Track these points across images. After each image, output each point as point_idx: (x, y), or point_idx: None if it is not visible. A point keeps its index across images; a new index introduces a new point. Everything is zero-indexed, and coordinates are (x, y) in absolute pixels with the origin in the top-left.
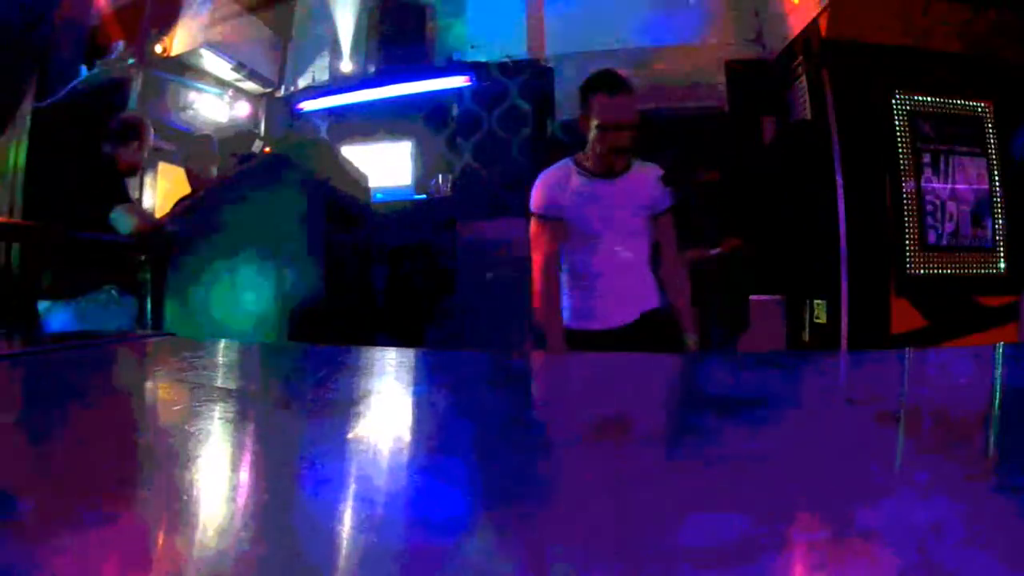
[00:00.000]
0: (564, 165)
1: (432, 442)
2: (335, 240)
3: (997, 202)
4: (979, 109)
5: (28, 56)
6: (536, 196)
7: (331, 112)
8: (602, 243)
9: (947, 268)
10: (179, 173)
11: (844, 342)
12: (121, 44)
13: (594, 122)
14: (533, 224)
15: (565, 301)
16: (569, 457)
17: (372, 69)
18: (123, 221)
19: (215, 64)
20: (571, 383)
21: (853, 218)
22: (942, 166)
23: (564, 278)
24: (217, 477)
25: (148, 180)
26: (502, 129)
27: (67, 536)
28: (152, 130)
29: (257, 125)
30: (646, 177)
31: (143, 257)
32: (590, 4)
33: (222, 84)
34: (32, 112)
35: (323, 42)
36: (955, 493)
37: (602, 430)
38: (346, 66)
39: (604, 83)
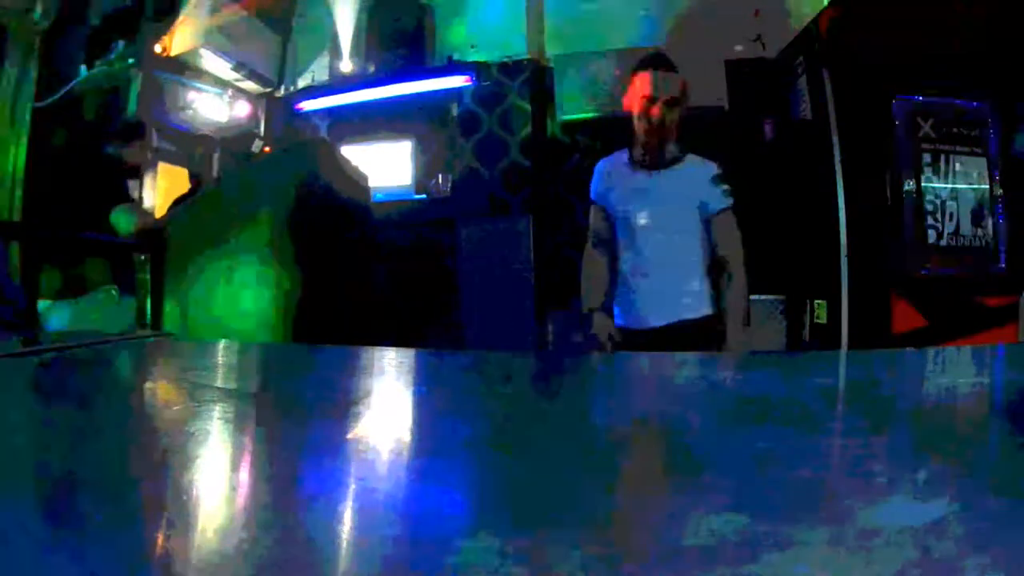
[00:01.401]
0: (619, 154)
1: (431, 443)
2: (334, 240)
3: (997, 202)
4: (979, 109)
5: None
6: (592, 183)
7: (331, 112)
8: (643, 238)
9: (947, 268)
10: (179, 173)
11: (844, 342)
12: (121, 44)
13: (637, 96)
14: (591, 210)
15: (614, 294)
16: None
17: (372, 69)
18: (123, 221)
19: (215, 64)
20: (557, 385)
21: (853, 218)
22: (942, 166)
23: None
24: (216, 477)
25: (148, 180)
26: (502, 129)
27: (67, 536)
28: (154, 131)
29: (257, 125)
30: (697, 173)
31: (143, 257)
32: (590, 4)
33: (222, 84)
34: (32, 112)
35: (323, 42)
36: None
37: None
38: (346, 66)
39: (648, 58)
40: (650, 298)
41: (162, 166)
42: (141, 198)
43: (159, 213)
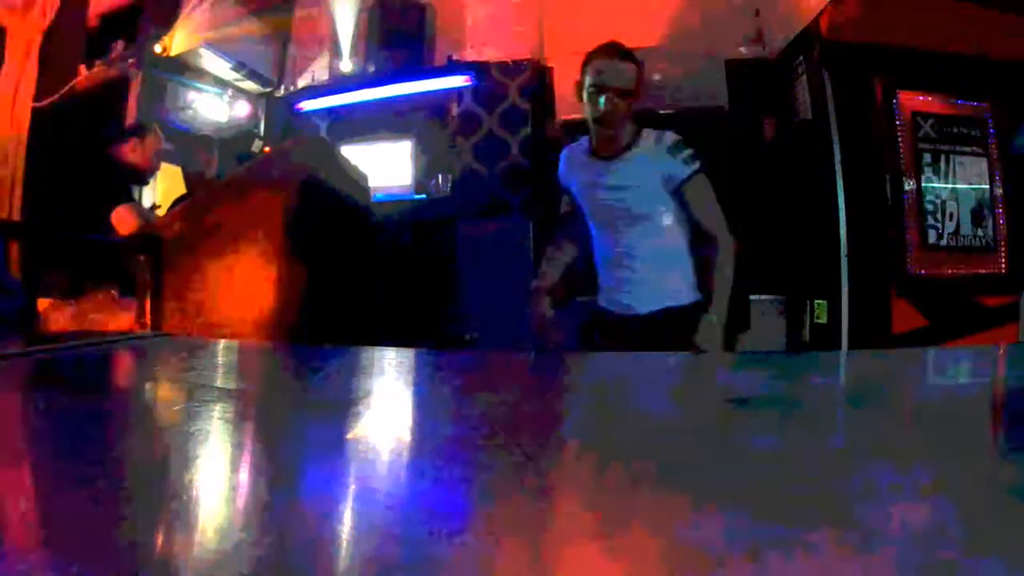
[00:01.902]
0: (580, 143)
1: (431, 442)
2: (334, 240)
3: (997, 202)
4: (979, 109)
5: None
6: (559, 168)
7: (331, 112)
8: (611, 230)
9: (947, 268)
10: (179, 173)
11: (844, 342)
12: (121, 44)
13: (584, 85)
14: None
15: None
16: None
17: (372, 69)
18: (123, 221)
19: (215, 64)
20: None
21: (853, 218)
22: (942, 166)
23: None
24: (216, 477)
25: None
26: (502, 129)
27: (66, 536)
28: (161, 134)
29: (257, 125)
30: (652, 150)
31: (143, 257)
32: (590, 4)
33: (222, 84)
34: (32, 112)
35: (323, 42)
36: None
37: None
38: (346, 66)
39: (599, 48)
40: (631, 286)
41: (162, 166)
42: (141, 198)
43: (159, 213)
